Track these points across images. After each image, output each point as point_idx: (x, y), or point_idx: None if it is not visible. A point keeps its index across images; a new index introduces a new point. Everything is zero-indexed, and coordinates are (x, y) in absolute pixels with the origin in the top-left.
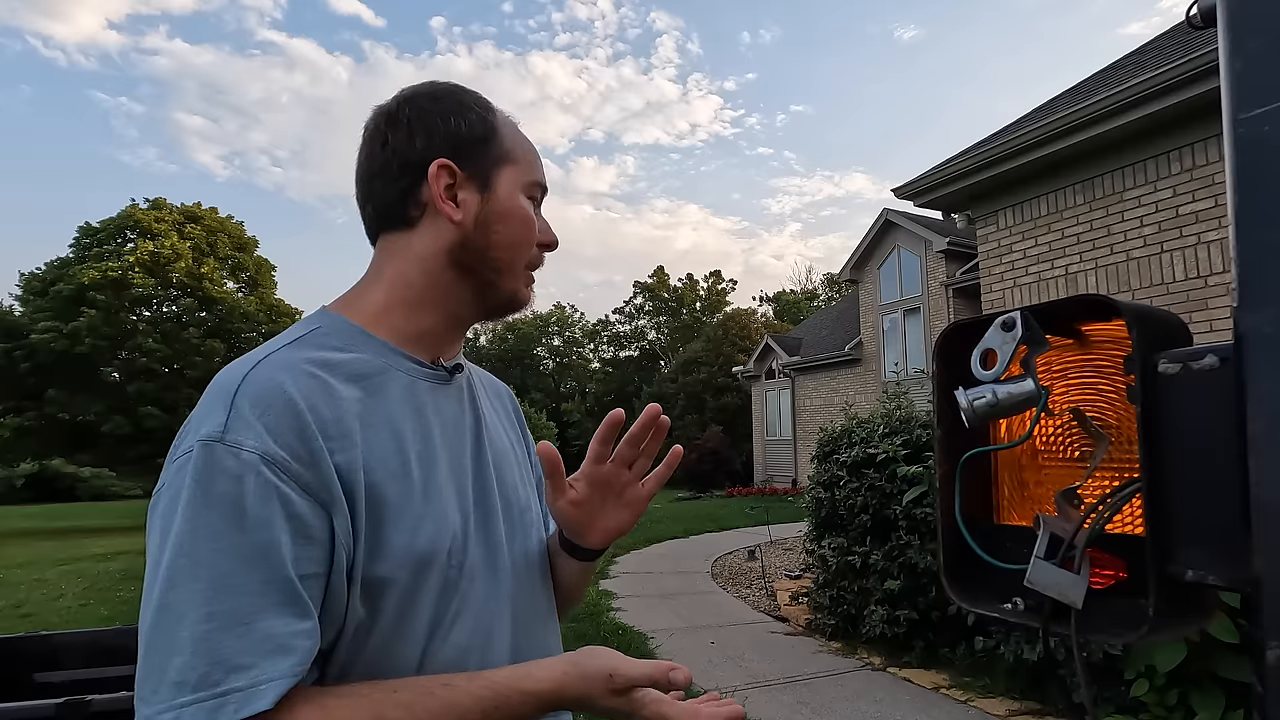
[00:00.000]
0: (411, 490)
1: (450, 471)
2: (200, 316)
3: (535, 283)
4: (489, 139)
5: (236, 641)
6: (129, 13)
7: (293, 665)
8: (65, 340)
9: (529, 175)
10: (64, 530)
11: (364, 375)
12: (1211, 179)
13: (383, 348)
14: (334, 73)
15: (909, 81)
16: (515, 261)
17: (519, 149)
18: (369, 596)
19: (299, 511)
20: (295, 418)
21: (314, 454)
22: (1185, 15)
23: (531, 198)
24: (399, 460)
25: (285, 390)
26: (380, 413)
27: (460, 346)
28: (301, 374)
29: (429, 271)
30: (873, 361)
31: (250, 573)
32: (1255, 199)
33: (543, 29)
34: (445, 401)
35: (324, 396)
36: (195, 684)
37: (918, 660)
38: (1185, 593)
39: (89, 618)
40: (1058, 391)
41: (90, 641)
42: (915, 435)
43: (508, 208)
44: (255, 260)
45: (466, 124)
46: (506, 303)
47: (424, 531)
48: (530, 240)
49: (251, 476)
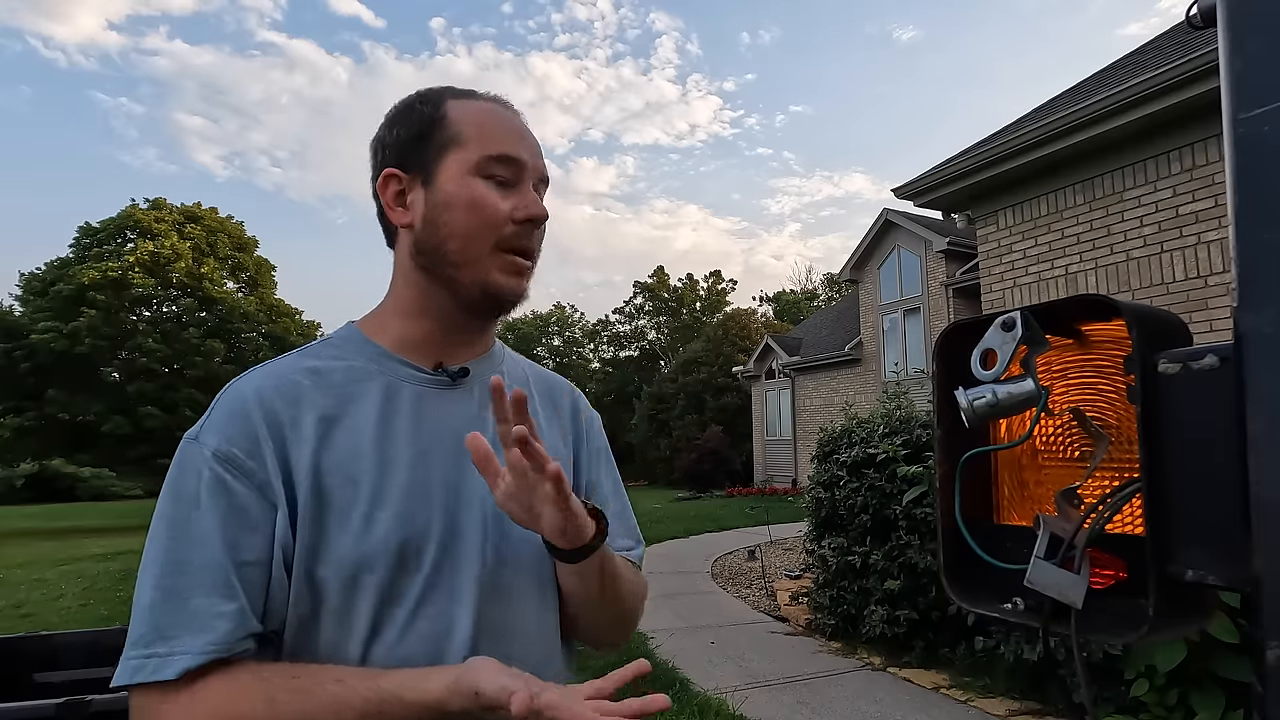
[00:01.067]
0: (361, 495)
1: (423, 472)
2: (200, 316)
3: (523, 266)
4: (429, 132)
5: (170, 615)
6: (129, 13)
7: (206, 643)
8: (65, 340)
9: (481, 151)
10: (64, 530)
11: (346, 382)
12: (1211, 179)
13: (377, 354)
14: (334, 73)
15: (908, 82)
16: (470, 249)
17: (470, 129)
18: (311, 591)
19: (243, 503)
20: (247, 419)
21: (261, 453)
22: (1185, 15)
23: (489, 175)
24: (355, 466)
25: (249, 395)
26: (349, 419)
27: (480, 348)
28: (279, 380)
29: (408, 280)
30: (873, 361)
31: (193, 554)
32: (1255, 199)
33: (542, 30)
34: (444, 405)
35: (289, 401)
36: (135, 642)
37: (918, 660)
38: (1185, 593)
39: (89, 618)
40: (1058, 391)
41: (90, 641)
42: (915, 435)
43: (450, 194)
44: (255, 260)
45: (407, 126)
46: (480, 295)
47: (371, 536)
48: (487, 221)
49: (206, 469)
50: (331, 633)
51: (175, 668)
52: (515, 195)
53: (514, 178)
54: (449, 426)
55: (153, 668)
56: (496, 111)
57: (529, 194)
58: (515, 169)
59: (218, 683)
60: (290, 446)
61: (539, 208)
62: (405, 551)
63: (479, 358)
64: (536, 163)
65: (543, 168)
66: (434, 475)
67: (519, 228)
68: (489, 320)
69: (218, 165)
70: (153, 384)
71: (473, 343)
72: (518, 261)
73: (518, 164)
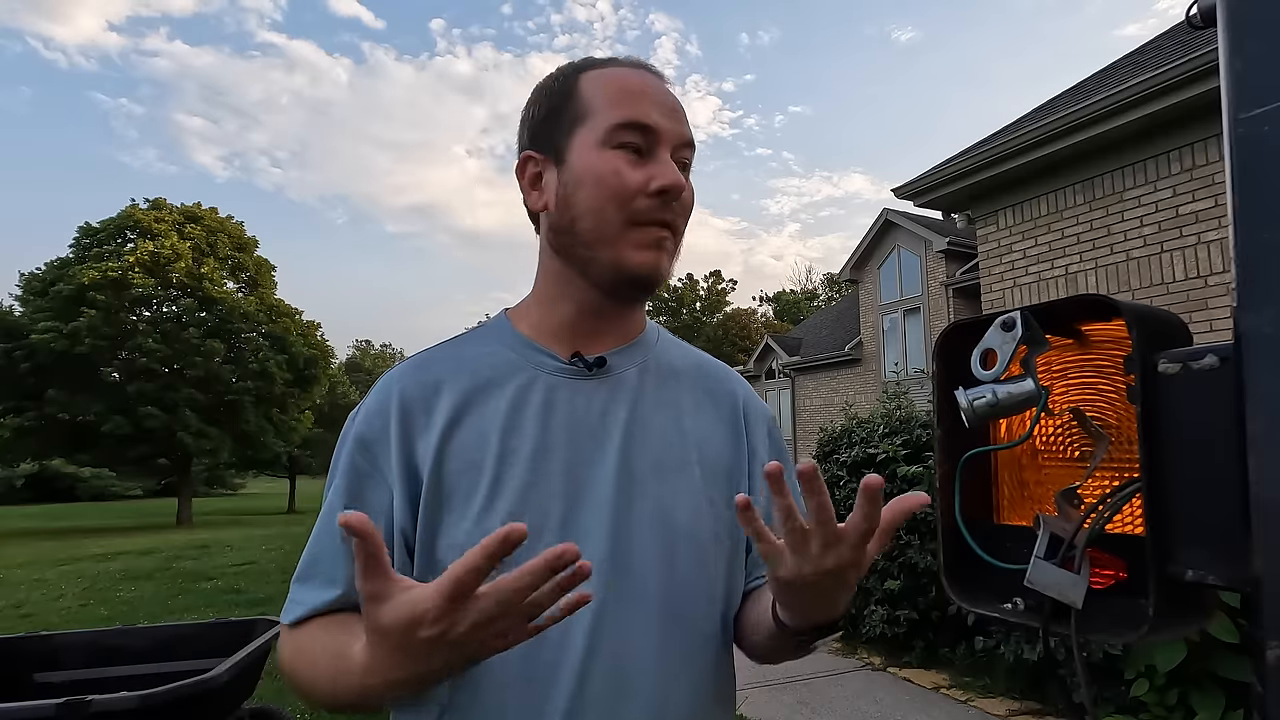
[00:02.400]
0: (482, 482)
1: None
2: (200, 316)
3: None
4: (561, 108)
5: (305, 571)
6: (129, 15)
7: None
8: (65, 340)
9: (609, 120)
10: (64, 530)
11: (486, 370)
12: (1211, 179)
13: (517, 342)
14: (334, 74)
15: (906, 83)
16: (602, 227)
17: (599, 99)
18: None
19: (365, 485)
20: (385, 404)
21: (389, 439)
22: (1185, 15)
23: (620, 145)
24: (479, 453)
25: (393, 381)
26: (480, 408)
27: (623, 335)
28: (423, 368)
29: (546, 265)
30: (873, 361)
31: (330, 524)
32: (1255, 199)
33: (542, 30)
34: (576, 396)
35: (428, 389)
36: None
37: (918, 660)
38: (1185, 593)
39: (89, 618)
40: (1058, 391)
41: (90, 641)
42: (915, 435)
43: (580, 170)
44: (255, 260)
45: (540, 106)
46: (614, 275)
47: (487, 521)
48: (616, 194)
49: (345, 450)
50: None
51: (293, 615)
52: (650, 165)
53: (647, 146)
54: (577, 420)
55: (286, 612)
56: (627, 76)
57: (665, 163)
58: (648, 136)
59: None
60: (419, 432)
61: (673, 176)
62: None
63: (625, 345)
64: (675, 128)
65: (684, 132)
66: (554, 470)
67: (653, 200)
68: (630, 303)
69: (218, 166)
70: (153, 384)
71: (614, 329)
72: (652, 233)
73: (650, 130)
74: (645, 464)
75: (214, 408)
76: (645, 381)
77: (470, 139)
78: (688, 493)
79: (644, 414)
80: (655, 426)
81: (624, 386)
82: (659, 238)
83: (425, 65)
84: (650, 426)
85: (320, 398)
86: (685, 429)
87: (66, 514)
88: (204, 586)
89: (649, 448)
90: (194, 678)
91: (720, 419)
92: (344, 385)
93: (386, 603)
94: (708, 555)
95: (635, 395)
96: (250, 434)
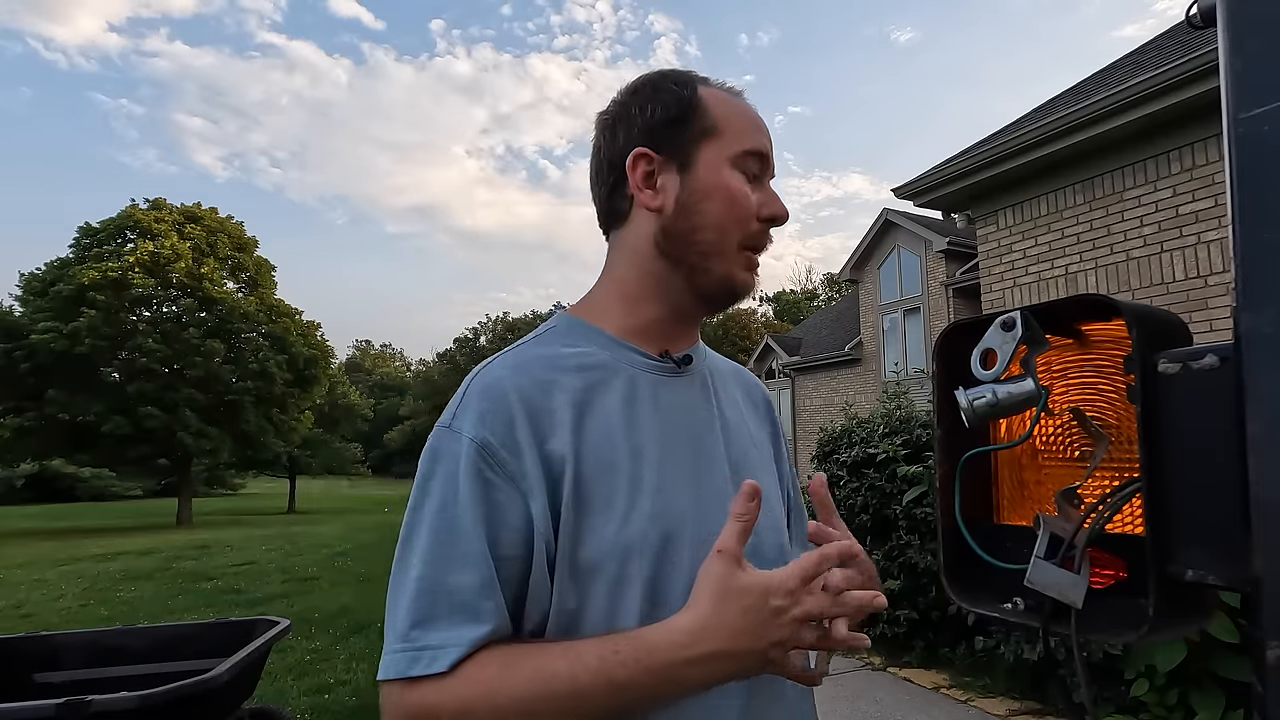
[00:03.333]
0: (621, 482)
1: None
2: (200, 316)
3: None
4: (687, 116)
5: (437, 607)
6: (130, 15)
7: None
8: (65, 340)
9: (738, 145)
10: (64, 530)
11: (587, 369)
12: (1211, 179)
13: (607, 341)
14: (333, 75)
15: (905, 83)
16: (723, 242)
17: (726, 119)
18: (577, 583)
19: (499, 496)
20: (506, 408)
21: (519, 443)
22: (1185, 15)
23: (745, 170)
24: (611, 452)
25: (502, 384)
26: (598, 405)
27: (694, 338)
28: (525, 369)
29: (640, 264)
30: (873, 361)
31: (457, 547)
32: (1255, 199)
33: (542, 31)
34: (674, 394)
35: (542, 389)
36: (403, 635)
37: (918, 660)
38: (1185, 592)
39: (89, 618)
40: (1058, 391)
41: (90, 642)
42: (915, 435)
43: (710, 184)
44: (255, 260)
45: (662, 107)
46: (720, 289)
47: (634, 525)
48: (741, 216)
49: (464, 459)
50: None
51: (447, 660)
52: (762, 192)
53: (762, 174)
54: (684, 415)
55: (427, 661)
56: (744, 104)
57: (773, 193)
58: (764, 165)
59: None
60: (549, 435)
61: (782, 208)
62: (668, 543)
63: (693, 347)
64: (773, 160)
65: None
66: (680, 467)
67: (763, 226)
68: (717, 311)
69: (218, 166)
70: (153, 384)
71: (690, 333)
72: (755, 259)
73: (766, 160)
74: (741, 460)
75: (214, 408)
76: (712, 383)
77: (470, 139)
78: (775, 485)
79: (726, 412)
80: (735, 424)
81: (704, 385)
82: (757, 264)
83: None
84: (732, 424)
85: (320, 398)
86: (749, 426)
87: (66, 514)
88: (204, 586)
89: (738, 444)
90: (194, 678)
91: (759, 415)
92: (344, 385)
93: (745, 568)
94: (786, 550)
95: (714, 394)
96: (250, 434)
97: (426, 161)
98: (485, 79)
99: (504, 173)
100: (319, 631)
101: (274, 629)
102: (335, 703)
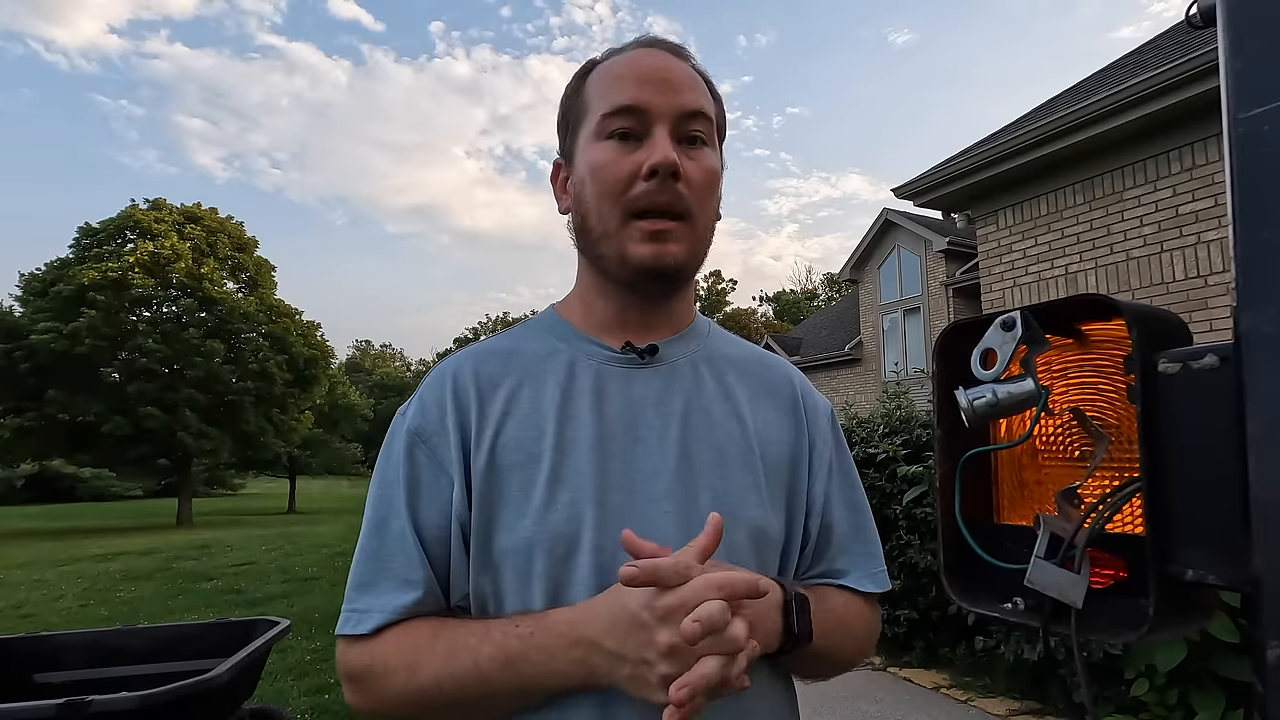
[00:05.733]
0: (540, 475)
1: (600, 459)
2: (200, 317)
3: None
4: (570, 111)
5: (371, 576)
6: (130, 17)
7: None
8: (65, 341)
9: (600, 111)
10: (64, 530)
11: (535, 360)
12: (1211, 179)
13: (567, 332)
14: (333, 76)
15: (903, 84)
16: (604, 222)
17: (595, 93)
18: (489, 571)
19: (425, 476)
20: (442, 397)
21: (447, 429)
22: (1185, 15)
23: (612, 133)
24: (537, 444)
25: (446, 372)
26: (533, 396)
27: (672, 327)
28: (480, 359)
29: (580, 263)
30: (873, 361)
31: (390, 523)
32: (1255, 199)
33: (541, 33)
34: (636, 385)
35: (487, 379)
36: (347, 597)
37: (918, 660)
38: (1185, 592)
39: (89, 618)
40: (1058, 391)
41: (90, 642)
42: (915, 435)
43: (581, 169)
44: (255, 260)
45: (561, 112)
46: (622, 271)
47: (546, 518)
48: (610, 189)
49: (401, 443)
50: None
51: (371, 623)
52: (641, 149)
53: (641, 127)
54: (633, 409)
55: (354, 622)
56: (620, 62)
57: (656, 140)
58: (638, 117)
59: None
60: (474, 423)
61: (662, 153)
62: (574, 542)
63: (675, 335)
64: (668, 99)
65: (684, 102)
66: (614, 461)
67: (649, 184)
68: (657, 295)
69: (218, 167)
70: (153, 384)
71: (662, 320)
72: (651, 224)
73: (637, 110)
74: (706, 455)
75: (214, 408)
76: (701, 371)
77: (469, 140)
78: (752, 486)
79: (703, 404)
80: (715, 416)
81: (679, 376)
82: (658, 229)
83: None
84: (710, 416)
85: (320, 398)
86: (745, 419)
87: (66, 514)
88: (204, 587)
89: (710, 438)
90: (194, 678)
91: (779, 409)
92: (344, 385)
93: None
94: (768, 549)
95: (692, 385)
96: (250, 434)
97: (426, 162)
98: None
99: (503, 173)
100: (319, 631)
101: (274, 629)
102: (335, 703)
